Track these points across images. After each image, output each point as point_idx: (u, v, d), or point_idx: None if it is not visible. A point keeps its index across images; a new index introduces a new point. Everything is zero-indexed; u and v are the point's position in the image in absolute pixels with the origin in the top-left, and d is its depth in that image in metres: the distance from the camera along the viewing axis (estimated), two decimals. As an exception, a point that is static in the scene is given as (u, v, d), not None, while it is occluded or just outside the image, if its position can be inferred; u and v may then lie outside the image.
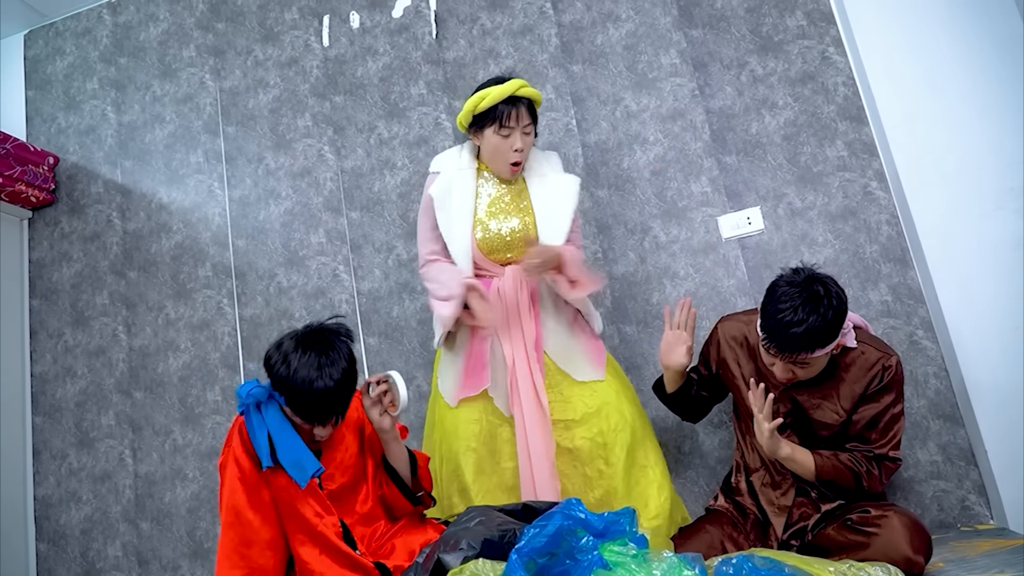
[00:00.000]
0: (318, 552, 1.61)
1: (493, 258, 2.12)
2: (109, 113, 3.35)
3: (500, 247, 2.12)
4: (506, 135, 2.06)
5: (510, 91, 2.04)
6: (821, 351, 1.72)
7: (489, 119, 2.06)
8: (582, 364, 2.10)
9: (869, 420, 1.79)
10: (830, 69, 2.57)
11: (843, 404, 1.80)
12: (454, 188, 2.15)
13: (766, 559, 1.41)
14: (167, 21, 3.36)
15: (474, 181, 2.16)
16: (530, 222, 2.13)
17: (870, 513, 1.70)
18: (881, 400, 1.78)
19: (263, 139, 3.11)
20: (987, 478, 2.18)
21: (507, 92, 2.03)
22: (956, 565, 1.71)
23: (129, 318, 3.10)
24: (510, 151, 2.07)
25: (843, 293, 1.74)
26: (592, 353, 2.14)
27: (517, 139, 2.06)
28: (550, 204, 2.13)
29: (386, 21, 3.06)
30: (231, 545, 1.60)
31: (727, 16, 2.72)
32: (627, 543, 1.38)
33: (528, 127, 2.09)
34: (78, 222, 3.28)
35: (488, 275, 2.13)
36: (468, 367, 2.11)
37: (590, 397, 2.07)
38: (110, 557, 2.88)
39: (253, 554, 1.60)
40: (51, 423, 3.09)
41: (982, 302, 2.22)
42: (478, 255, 2.12)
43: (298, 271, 2.94)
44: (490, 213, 2.13)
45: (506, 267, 2.12)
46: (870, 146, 2.49)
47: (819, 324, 1.67)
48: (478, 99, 2.07)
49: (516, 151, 2.07)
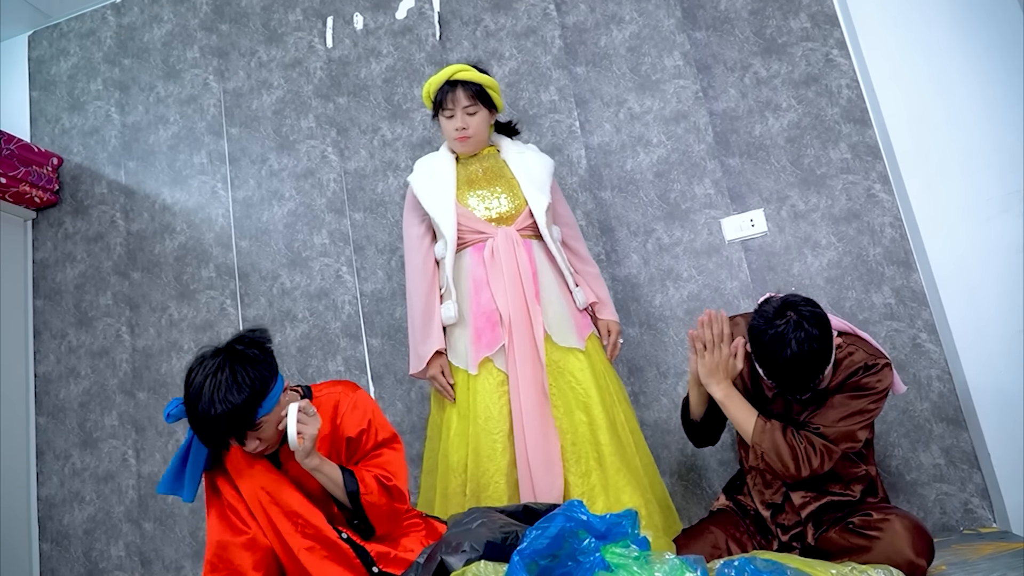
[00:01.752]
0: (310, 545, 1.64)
1: (485, 218, 2.18)
2: (113, 114, 3.36)
3: (490, 208, 2.19)
4: (449, 116, 2.23)
5: (444, 77, 2.21)
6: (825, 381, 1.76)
7: (436, 108, 2.25)
8: (567, 330, 2.13)
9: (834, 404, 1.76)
10: (834, 71, 2.57)
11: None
12: (434, 172, 2.28)
13: (768, 562, 1.41)
14: (171, 22, 3.37)
15: (452, 163, 2.28)
16: (515, 184, 2.22)
17: (872, 516, 1.70)
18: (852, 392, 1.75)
19: (267, 140, 3.11)
20: (990, 481, 2.17)
21: (442, 79, 2.22)
22: (958, 568, 1.71)
23: (133, 319, 3.10)
24: (453, 130, 2.23)
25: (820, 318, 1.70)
26: (579, 322, 2.17)
27: (458, 119, 2.21)
28: (530, 169, 2.25)
29: (389, 22, 3.06)
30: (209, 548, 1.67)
31: (731, 18, 2.72)
32: (629, 545, 1.38)
33: (470, 107, 2.21)
34: (82, 223, 3.29)
35: (481, 238, 2.16)
36: (478, 327, 2.11)
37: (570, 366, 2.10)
38: (113, 557, 2.88)
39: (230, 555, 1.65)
40: (54, 423, 3.10)
41: (985, 305, 2.22)
42: (467, 216, 2.17)
43: (301, 272, 2.95)
44: (471, 185, 2.23)
45: (499, 228, 2.16)
46: (874, 149, 2.49)
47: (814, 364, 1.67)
48: (426, 89, 2.27)
49: (457, 129, 2.21)
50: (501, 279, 2.10)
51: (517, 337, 2.05)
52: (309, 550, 1.62)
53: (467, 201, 2.20)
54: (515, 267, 2.11)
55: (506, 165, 2.28)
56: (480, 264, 2.14)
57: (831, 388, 1.77)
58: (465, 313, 2.14)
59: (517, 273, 2.11)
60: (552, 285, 2.17)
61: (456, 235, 2.15)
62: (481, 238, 2.16)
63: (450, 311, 2.13)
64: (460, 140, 2.23)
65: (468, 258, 2.17)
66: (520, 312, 2.07)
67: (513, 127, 2.41)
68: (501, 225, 2.17)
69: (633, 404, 2.46)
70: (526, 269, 2.12)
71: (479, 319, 2.11)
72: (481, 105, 2.22)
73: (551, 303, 2.14)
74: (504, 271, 2.10)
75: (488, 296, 2.11)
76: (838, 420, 1.74)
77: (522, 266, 2.11)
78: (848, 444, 1.74)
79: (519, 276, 2.10)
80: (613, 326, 2.26)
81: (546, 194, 2.21)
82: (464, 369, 2.11)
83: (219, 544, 1.65)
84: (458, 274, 2.17)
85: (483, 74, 2.23)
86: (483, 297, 2.12)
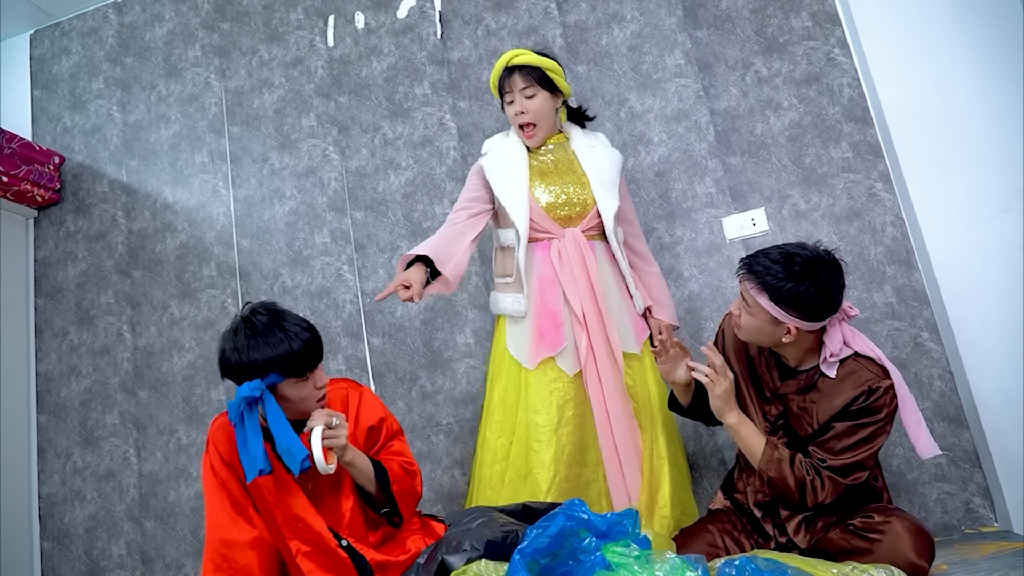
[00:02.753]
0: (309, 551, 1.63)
1: (553, 216, 2.16)
2: (114, 113, 3.36)
3: (560, 205, 2.17)
4: (509, 102, 2.21)
5: (502, 65, 2.21)
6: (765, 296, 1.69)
7: (501, 96, 2.24)
8: (626, 334, 2.15)
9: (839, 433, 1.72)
10: (835, 70, 2.57)
11: (819, 419, 1.76)
12: (507, 158, 2.24)
13: (769, 561, 1.41)
14: (172, 21, 3.37)
15: (524, 152, 2.24)
16: (585, 182, 2.19)
17: (873, 518, 1.69)
18: (858, 419, 1.71)
19: (268, 139, 3.11)
20: (991, 481, 2.17)
21: (500, 67, 2.21)
22: (960, 568, 1.71)
23: (134, 317, 3.11)
24: (513, 115, 2.21)
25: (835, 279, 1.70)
26: (637, 326, 2.19)
27: (517, 104, 2.19)
28: (601, 169, 2.22)
29: (391, 21, 3.06)
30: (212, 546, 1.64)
31: (732, 17, 2.72)
32: (630, 544, 1.38)
33: (528, 90, 2.18)
34: (83, 221, 3.29)
35: (547, 237, 2.16)
36: (541, 326, 2.11)
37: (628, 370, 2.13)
38: (114, 555, 2.89)
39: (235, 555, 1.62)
40: (56, 422, 3.10)
41: (987, 304, 2.21)
42: (538, 213, 2.16)
43: (302, 271, 2.95)
44: (543, 178, 2.20)
45: (566, 229, 2.16)
46: (875, 147, 2.48)
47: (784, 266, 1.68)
48: (490, 83, 2.26)
49: (517, 114, 2.19)
50: (572, 281, 2.10)
51: (595, 341, 2.07)
52: (306, 555, 1.62)
53: (536, 193, 2.17)
54: (585, 271, 2.11)
55: (576, 158, 2.24)
56: (547, 263, 2.14)
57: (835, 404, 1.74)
58: (528, 308, 2.14)
59: (587, 278, 2.11)
60: (612, 288, 2.17)
61: (528, 229, 2.14)
62: (548, 236, 2.16)
63: (520, 305, 2.14)
64: (524, 128, 2.20)
65: (535, 256, 2.17)
66: (594, 316, 2.09)
67: (583, 113, 2.37)
68: (568, 226, 2.16)
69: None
70: (594, 272, 2.12)
71: (543, 317, 2.12)
72: (541, 88, 2.18)
73: (615, 309, 2.14)
74: (576, 275, 2.10)
75: (555, 296, 2.12)
76: (844, 451, 1.70)
77: (591, 269, 2.12)
78: (856, 475, 1.71)
79: (589, 280, 2.11)
80: (665, 327, 2.22)
81: (615, 196, 2.18)
82: (518, 361, 2.13)
83: (223, 542, 1.63)
84: (525, 269, 2.16)
85: (543, 57, 2.19)
86: (548, 296, 2.12)
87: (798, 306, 1.68)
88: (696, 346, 2.51)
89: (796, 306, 1.68)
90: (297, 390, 1.63)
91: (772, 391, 1.85)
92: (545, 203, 2.16)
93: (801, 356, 1.80)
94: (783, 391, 1.83)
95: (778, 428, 1.85)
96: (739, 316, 1.79)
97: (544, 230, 2.16)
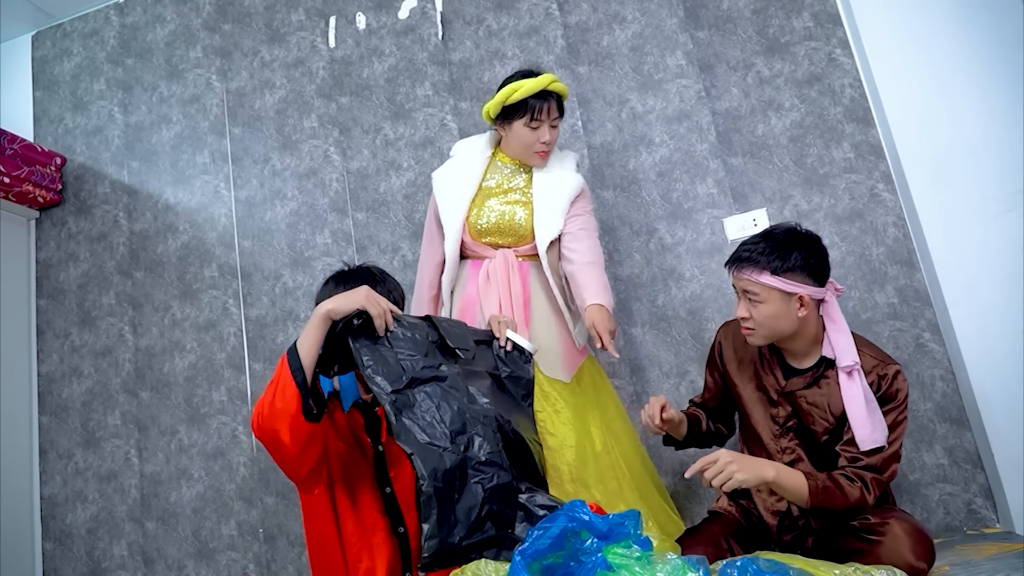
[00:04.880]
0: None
1: (484, 241, 2.15)
2: (116, 114, 3.36)
3: (490, 230, 2.14)
4: (535, 127, 2.10)
5: (543, 85, 2.07)
6: (768, 274, 1.70)
7: (520, 111, 2.10)
8: (553, 360, 2.07)
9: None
10: (837, 71, 2.57)
11: (833, 411, 1.76)
12: (460, 170, 2.21)
13: (771, 562, 1.41)
14: (174, 22, 3.38)
15: (484, 165, 2.21)
16: (527, 214, 2.13)
17: (871, 520, 1.69)
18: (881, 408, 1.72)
19: (269, 140, 3.12)
20: (993, 481, 2.17)
21: (540, 86, 2.07)
22: (961, 569, 1.70)
23: (135, 318, 3.11)
24: (537, 143, 2.11)
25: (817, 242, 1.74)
26: (567, 353, 2.11)
27: (545, 132, 2.11)
28: (547, 199, 2.15)
29: (392, 22, 3.06)
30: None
31: (733, 17, 2.72)
32: (631, 545, 1.38)
33: (556, 120, 2.13)
34: (85, 222, 3.29)
35: (478, 256, 2.16)
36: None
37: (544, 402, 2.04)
38: (116, 556, 2.89)
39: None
40: (57, 423, 3.10)
41: (989, 305, 2.21)
42: (468, 237, 2.15)
43: (304, 272, 2.95)
44: (492, 195, 2.16)
45: (497, 250, 2.14)
46: (877, 148, 2.48)
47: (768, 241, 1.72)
48: (510, 91, 2.08)
49: (543, 143, 2.11)
50: (494, 302, 2.07)
51: None
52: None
53: (475, 215, 2.14)
54: (508, 291, 2.08)
55: (530, 185, 2.19)
56: (473, 282, 2.13)
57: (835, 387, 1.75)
58: None
59: (508, 296, 2.08)
60: (544, 314, 2.12)
61: (457, 252, 2.14)
62: (480, 256, 2.16)
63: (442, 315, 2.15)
64: (541, 155, 2.14)
65: (466, 271, 2.17)
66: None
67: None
68: (500, 248, 2.14)
69: (635, 404, 2.46)
70: (517, 293, 2.09)
71: None
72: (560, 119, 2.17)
73: (542, 334, 2.09)
74: (500, 295, 2.08)
75: (472, 317, 2.10)
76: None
77: (514, 290, 2.08)
78: (893, 467, 1.71)
79: (510, 300, 2.07)
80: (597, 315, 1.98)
81: (557, 222, 2.11)
82: None
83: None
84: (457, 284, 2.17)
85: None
86: (467, 316, 2.11)
87: (800, 268, 1.71)
88: (699, 347, 2.51)
89: (798, 269, 1.71)
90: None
91: (779, 391, 1.85)
92: (481, 226, 2.13)
93: (808, 347, 1.80)
94: (790, 389, 1.83)
95: (788, 430, 1.85)
96: (748, 319, 1.77)
97: (475, 251, 2.16)
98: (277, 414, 1.47)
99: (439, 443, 1.47)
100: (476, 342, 1.81)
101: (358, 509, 1.64)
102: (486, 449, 1.51)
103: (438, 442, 1.47)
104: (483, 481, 1.47)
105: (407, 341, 1.62)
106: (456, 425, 1.52)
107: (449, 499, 1.43)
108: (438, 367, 1.62)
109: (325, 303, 1.58)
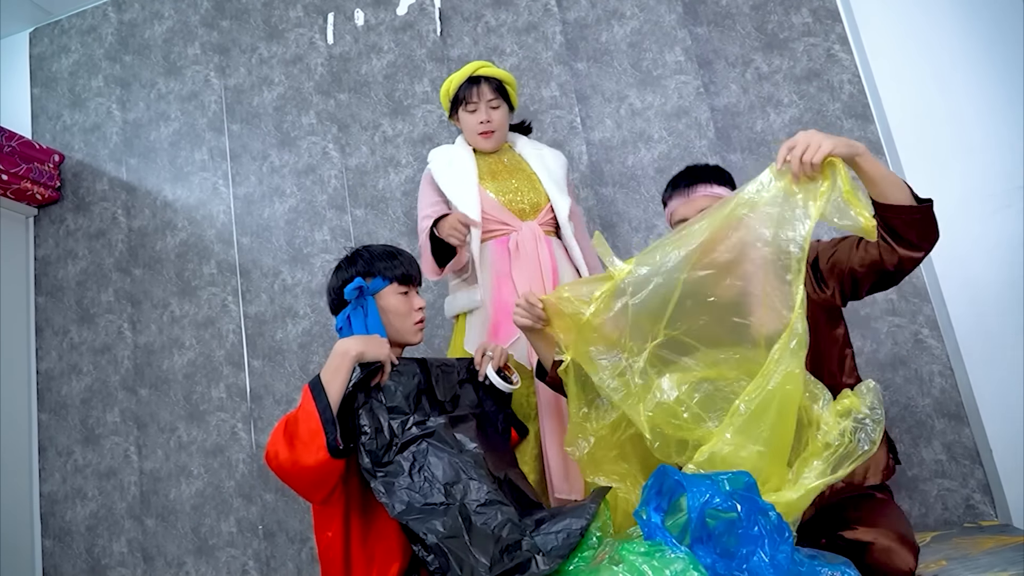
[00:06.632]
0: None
1: (510, 208, 2.17)
2: (114, 111, 3.36)
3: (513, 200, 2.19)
4: (472, 110, 2.23)
5: (469, 72, 2.23)
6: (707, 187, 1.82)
7: (458, 101, 2.25)
8: None
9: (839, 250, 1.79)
10: (836, 67, 2.57)
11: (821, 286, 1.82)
12: (454, 161, 2.26)
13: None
14: (172, 19, 3.37)
15: (471, 155, 2.27)
16: (536, 180, 2.23)
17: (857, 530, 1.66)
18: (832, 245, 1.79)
19: (268, 137, 3.11)
20: (992, 477, 2.17)
21: (467, 74, 2.23)
22: (959, 563, 1.70)
23: (134, 315, 3.11)
24: (477, 124, 2.22)
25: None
26: None
27: (482, 113, 2.21)
28: (550, 169, 2.27)
29: (390, 18, 3.06)
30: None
31: (732, 13, 2.72)
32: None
33: (493, 101, 2.22)
34: (83, 219, 3.29)
35: (504, 231, 2.16)
36: (497, 320, 2.10)
37: None
38: (115, 553, 2.89)
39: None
40: (57, 420, 3.10)
41: (987, 301, 2.21)
42: (492, 204, 2.16)
43: (303, 268, 2.95)
44: (493, 177, 2.22)
45: (523, 222, 2.16)
46: (875, 144, 2.48)
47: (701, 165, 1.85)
48: (446, 86, 2.28)
49: (482, 123, 2.21)
50: (525, 274, 2.09)
51: None
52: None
53: (494, 183, 2.19)
54: (537, 263, 2.10)
55: (523, 160, 2.28)
56: (504, 257, 2.13)
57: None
58: (486, 303, 2.14)
59: (539, 269, 2.10)
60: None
61: (482, 222, 2.14)
62: (505, 230, 2.15)
63: (476, 296, 2.13)
64: (484, 136, 2.23)
65: (490, 250, 2.16)
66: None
67: (526, 126, 2.41)
68: (525, 219, 2.17)
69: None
70: (547, 266, 2.11)
71: (499, 312, 2.10)
72: (503, 100, 2.24)
73: None
74: (526, 266, 2.10)
75: (509, 289, 2.10)
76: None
77: (543, 262, 2.11)
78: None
79: (540, 272, 2.10)
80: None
81: (566, 194, 2.22)
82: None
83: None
84: (480, 265, 2.15)
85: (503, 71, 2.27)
86: (504, 291, 2.11)
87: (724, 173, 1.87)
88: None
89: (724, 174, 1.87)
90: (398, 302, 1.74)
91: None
92: (495, 193, 2.18)
93: None
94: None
95: None
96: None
97: (500, 222, 2.15)
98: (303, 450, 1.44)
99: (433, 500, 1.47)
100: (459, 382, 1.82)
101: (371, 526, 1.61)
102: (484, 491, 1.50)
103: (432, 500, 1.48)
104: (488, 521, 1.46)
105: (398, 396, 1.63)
106: (449, 476, 1.51)
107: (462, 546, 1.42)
108: (424, 423, 1.61)
109: (355, 345, 1.56)
